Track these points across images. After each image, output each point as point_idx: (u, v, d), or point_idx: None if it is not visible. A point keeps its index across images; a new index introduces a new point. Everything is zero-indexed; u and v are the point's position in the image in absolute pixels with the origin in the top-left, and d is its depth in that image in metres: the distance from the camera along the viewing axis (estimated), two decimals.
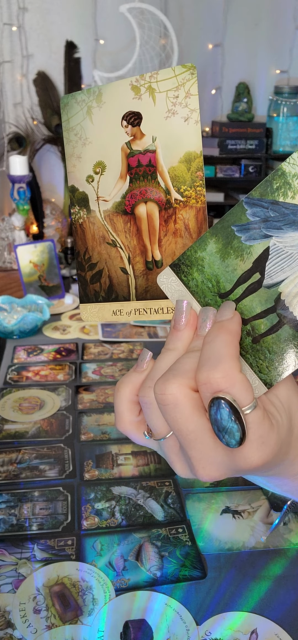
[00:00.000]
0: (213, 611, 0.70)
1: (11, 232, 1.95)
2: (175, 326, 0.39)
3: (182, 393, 0.35)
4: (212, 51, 2.25)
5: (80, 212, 0.44)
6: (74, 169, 0.44)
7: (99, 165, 0.43)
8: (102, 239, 0.44)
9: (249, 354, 0.37)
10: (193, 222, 0.41)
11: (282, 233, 0.36)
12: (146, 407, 0.39)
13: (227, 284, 0.38)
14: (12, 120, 2.13)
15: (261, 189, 0.36)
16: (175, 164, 0.41)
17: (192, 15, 2.19)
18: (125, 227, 0.43)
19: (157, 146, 0.41)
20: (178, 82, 0.40)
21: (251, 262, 0.37)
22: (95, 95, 0.42)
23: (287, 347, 0.36)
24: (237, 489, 0.92)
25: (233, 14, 2.21)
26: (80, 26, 2.10)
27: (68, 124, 0.43)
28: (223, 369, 0.34)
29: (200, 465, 0.36)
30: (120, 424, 0.41)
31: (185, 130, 0.40)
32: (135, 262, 0.43)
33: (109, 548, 0.80)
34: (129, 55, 2.03)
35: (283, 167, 0.35)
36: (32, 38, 2.08)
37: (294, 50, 2.24)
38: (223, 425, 0.34)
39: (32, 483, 0.93)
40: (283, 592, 0.73)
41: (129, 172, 0.42)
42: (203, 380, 0.34)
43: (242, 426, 0.34)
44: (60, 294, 1.71)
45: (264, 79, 2.30)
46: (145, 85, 0.40)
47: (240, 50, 2.27)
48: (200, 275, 0.39)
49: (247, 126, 2.22)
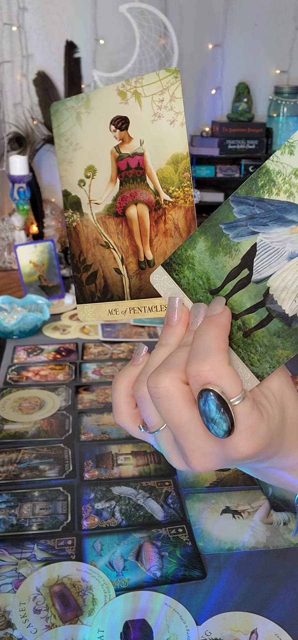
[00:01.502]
0: (213, 611, 0.70)
1: (11, 232, 1.95)
2: (168, 322, 0.40)
3: (174, 386, 0.36)
4: (212, 51, 2.25)
5: (74, 215, 0.45)
6: (66, 174, 0.45)
7: (89, 170, 0.44)
8: (95, 241, 0.45)
9: (241, 347, 0.38)
10: (182, 221, 0.42)
11: (268, 229, 0.37)
12: (140, 401, 0.40)
13: (217, 281, 0.39)
14: (12, 120, 2.13)
15: (246, 187, 0.37)
16: (163, 165, 0.42)
17: (192, 15, 2.19)
18: (117, 228, 0.44)
19: (145, 149, 0.42)
20: (163, 86, 0.41)
21: (239, 258, 0.38)
22: (84, 102, 0.43)
23: (277, 340, 0.37)
24: (237, 489, 0.92)
25: (233, 14, 2.21)
26: (80, 26, 2.10)
27: (59, 130, 0.44)
28: (211, 361, 0.35)
29: (193, 456, 0.37)
30: (117, 417, 0.43)
31: (171, 133, 0.41)
32: (128, 262, 0.44)
33: (109, 548, 0.80)
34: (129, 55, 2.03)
35: (267, 165, 0.36)
36: (32, 38, 2.08)
37: (294, 50, 2.24)
38: (211, 417, 0.35)
39: (32, 483, 0.93)
40: (283, 592, 0.73)
41: (118, 175, 0.43)
42: (193, 373, 0.36)
43: (230, 417, 0.35)
44: (60, 294, 1.71)
45: (264, 79, 2.30)
46: (131, 90, 0.41)
47: (240, 50, 2.27)
48: (191, 273, 0.40)
49: (247, 126, 2.22)
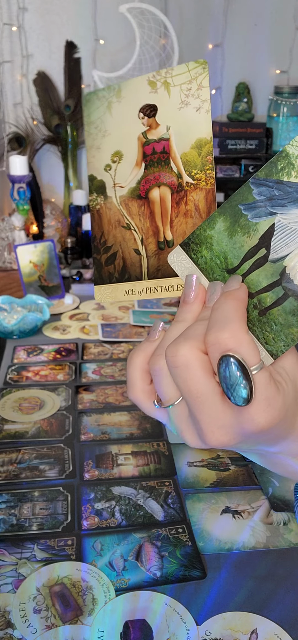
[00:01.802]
0: (213, 611, 0.70)
1: (11, 232, 1.95)
2: (185, 300, 0.40)
3: (193, 354, 0.37)
4: (212, 51, 2.25)
5: (98, 198, 0.47)
6: (93, 159, 0.46)
7: (116, 155, 0.46)
8: (117, 223, 0.46)
9: (256, 326, 0.39)
10: (203, 203, 0.43)
11: (286, 210, 0.38)
12: (156, 374, 0.40)
13: (234, 260, 0.40)
14: (12, 120, 2.13)
15: (266, 170, 0.38)
16: (187, 150, 0.43)
17: (192, 15, 2.19)
18: (139, 210, 0.45)
19: (171, 134, 0.44)
20: (191, 76, 0.43)
21: (257, 238, 0.39)
22: (115, 91, 0.45)
23: (292, 319, 0.38)
24: (237, 489, 0.92)
25: (233, 14, 2.21)
26: (80, 26, 2.10)
27: (89, 118, 0.46)
28: (231, 329, 0.36)
29: (209, 429, 0.37)
30: (132, 392, 0.43)
31: (196, 119, 0.43)
32: (147, 243, 0.45)
33: (109, 548, 0.80)
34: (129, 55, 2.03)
35: (287, 149, 0.38)
36: (32, 38, 2.08)
37: (294, 50, 2.24)
38: (231, 382, 0.35)
39: (32, 483, 0.93)
40: (283, 592, 0.73)
41: (144, 159, 0.45)
42: (212, 341, 0.36)
43: (250, 383, 0.35)
44: (60, 294, 1.71)
45: (264, 79, 2.30)
46: (161, 80, 0.44)
47: (240, 50, 2.27)
48: (208, 252, 0.41)
49: (247, 126, 2.22)
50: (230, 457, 0.99)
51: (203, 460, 0.98)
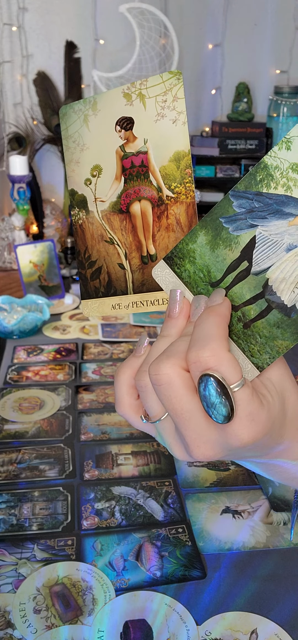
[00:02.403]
0: (213, 611, 0.70)
1: (11, 232, 1.95)
2: (170, 314, 0.41)
3: (175, 372, 0.37)
4: (212, 51, 2.25)
5: (80, 213, 0.47)
6: (73, 174, 0.46)
7: (95, 169, 0.45)
8: (100, 238, 0.46)
9: (241, 339, 0.39)
10: (184, 216, 0.43)
11: (267, 222, 0.38)
12: (142, 390, 0.40)
13: (217, 273, 0.40)
14: (12, 120, 2.13)
15: (245, 182, 0.38)
16: (165, 163, 0.43)
17: (192, 15, 2.19)
18: (121, 225, 0.45)
19: (149, 147, 0.44)
20: (166, 88, 0.43)
21: (239, 251, 0.39)
22: (91, 104, 0.45)
23: (276, 331, 0.38)
24: (237, 489, 0.92)
25: (233, 14, 2.21)
26: (80, 26, 2.10)
27: (67, 132, 0.46)
28: (211, 347, 0.36)
29: (194, 445, 0.38)
30: (119, 407, 0.43)
31: (173, 132, 0.43)
32: (131, 257, 0.45)
33: (109, 548, 0.80)
34: (129, 55, 2.03)
35: (266, 160, 0.37)
36: (32, 38, 2.08)
37: (294, 50, 2.24)
38: (211, 401, 0.36)
39: (32, 483, 0.93)
40: (283, 592, 0.73)
41: (123, 173, 0.45)
42: (193, 359, 0.36)
43: (230, 402, 0.35)
44: (60, 294, 1.71)
45: (264, 79, 2.30)
46: (136, 92, 0.43)
47: (240, 50, 2.27)
48: (192, 266, 0.41)
49: (247, 126, 2.22)
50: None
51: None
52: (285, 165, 0.37)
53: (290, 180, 0.37)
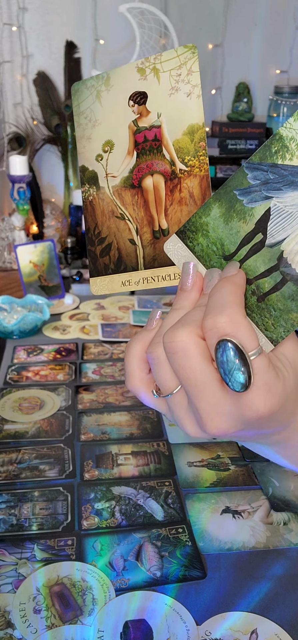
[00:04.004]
0: (213, 611, 0.70)
1: (11, 232, 1.95)
2: (182, 287, 0.40)
3: (190, 340, 0.36)
4: (212, 51, 2.25)
5: (90, 189, 0.46)
6: (84, 150, 0.46)
7: (107, 144, 0.45)
8: (111, 214, 0.45)
9: (255, 312, 0.38)
10: (197, 189, 0.43)
11: (281, 193, 0.37)
12: (154, 362, 0.39)
13: (231, 246, 0.39)
14: (12, 120, 2.12)
15: (260, 154, 0.38)
16: (179, 136, 0.43)
17: (192, 15, 2.19)
18: (132, 200, 0.45)
19: (162, 121, 0.43)
20: (181, 62, 0.42)
21: (253, 223, 0.38)
22: (104, 80, 0.45)
23: (291, 304, 0.37)
24: (237, 489, 0.92)
25: (233, 14, 2.21)
26: (80, 26, 2.10)
27: (78, 109, 0.46)
28: (228, 313, 0.35)
29: (208, 418, 0.37)
30: (130, 382, 0.42)
31: (188, 105, 0.42)
32: (142, 232, 0.45)
33: (109, 548, 0.80)
34: (129, 55, 2.03)
35: (281, 132, 0.37)
36: (32, 38, 2.08)
37: (294, 50, 2.24)
38: (229, 367, 0.35)
39: (32, 483, 0.93)
40: (283, 592, 0.73)
41: (136, 147, 0.44)
42: (210, 325, 0.35)
43: (248, 369, 0.35)
44: (60, 294, 1.71)
45: (264, 79, 2.30)
46: (150, 67, 0.43)
47: (240, 50, 2.27)
48: (205, 239, 0.40)
49: (247, 126, 2.22)
50: (230, 457, 0.99)
51: (203, 460, 0.98)
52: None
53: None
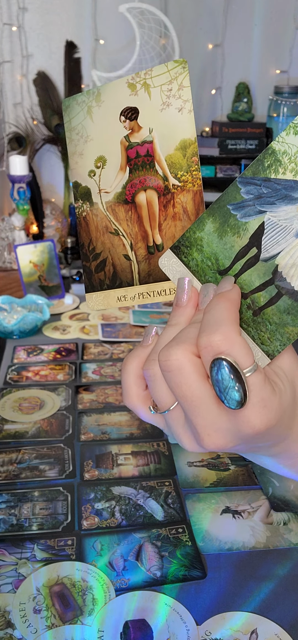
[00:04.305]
0: (213, 611, 0.70)
1: (11, 232, 1.95)
2: (178, 303, 0.40)
3: (186, 357, 0.36)
4: (212, 51, 2.25)
5: (84, 205, 0.46)
6: (77, 166, 0.46)
7: (100, 160, 0.45)
8: (105, 229, 0.46)
9: (251, 327, 0.39)
10: (190, 205, 0.43)
11: (275, 208, 0.38)
12: (150, 380, 0.40)
13: (225, 261, 0.39)
14: (12, 120, 2.13)
15: (253, 168, 0.38)
16: (171, 151, 0.43)
17: (192, 15, 2.19)
18: (126, 215, 0.45)
19: (154, 137, 0.43)
20: (171, 77, 0.43)
21: (248, 237, 0.39)
22: (95, 96, 0.45)
23: (287, 317, 0.38)
24: (237, 489, 0.92)
25: (233, 14, 2.21)
26: (80, 26, 2.10)
27: (70, 125, 0.46)
28: (222, 331, 0.35)
29: (205, 433, 0.37)
30: (127, 399, 0.42)
31: (179, 120, 0.42)
32: (137, 248, 0.45)
33: (109, 548, 0.80)
34: (129, 55, 2.03)
35: (273, 146, 0.37)
36: (32, 38, 2.08)
37: (294, 50, 2.24)
38: (224, 386, 0.35)
39: (32, 483, 0.93)
40: (283, 592, 0.73)
41: (128, 163, 0.45)
42: (204, 344, 0.36)
43: (243, 386, 0.35)
44: (60, 294, 1.71)
45: (264, 79, 2.30)
46: (141, 82, 0.43)
47: (240, 50, 2.27)
48: (199, 254, 0.40)
49: (247, 126, 2.22)
50: (230, 457, 0.99)
51: (203, 460, 0.98)
52: (294, 150, 0.37)
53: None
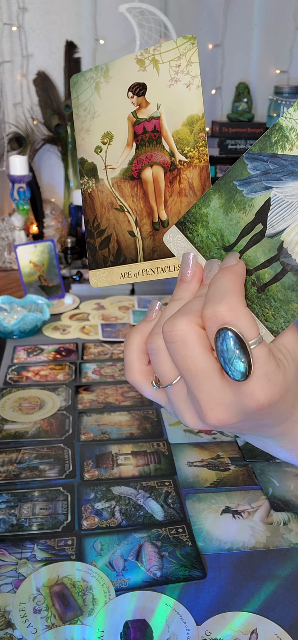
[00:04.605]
0: (213, 611, 0.70)
1: (11, 232, 1.95)
2: (182, 278, 0.40)
3: (191, 329, 0.36)
4: (212, 51, 2.25)
5: (89, 181, 0.46)
6: (83, 142, 0.46)
7: (106, 136, 0.45)
8: (110, 206, 0.45)
9: (255, 303, 0.38)
10: (197, 180, 0.43)
11: (281, 184, 0.37)
12: (153, 353, 0.39)
13: (231, 237, 0.39)
14: (12, 120, 2.12)
15: (260, 144, 0.38)
16: (178, 127, 0.43)
17: (192, 15, 2.19)
18: (132, 191, 0.45)
19: (162, 112, 0.43)
20: (180, 52, 0.42)
21: (253, 214, 0.38)
22: (103, 72, 0.44)
23: (291, 294, 0.37)
24: (237, 489, 0.92)
25: (233, 14, 2.21)
26: (80, 26, 2.10)
27: (77, 101, 0.46)
28: (228, 302, 0.35)
29: (208, 408, 0.36)
30: (129, 374, 0.42)
31: (187, 96, 0.42)
32: (142, 224, 0.45)
33: (109, 548, 0.80)
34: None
35: (281, 122, 0.37)
36: (32, 38, 2.08)
37: (294, 50, 2.24)
38: (229, 356, 0.35)
39: (32, 483, 0.93)
40: (283, 592, 0.73)
41: (135, 139, 0.44)
42: (209, 314, 0.35)
43: (248, 358, 0.34)
44: (60, 294, 1.71)
45: (264, 79, 2.30)
46: (149, 58, 0.43)
47: (240, 50, 2.27)
48: (204, 230, 0.40)
49: (247, 126, 2.22)
50: (230, 457, 0.99)
51: (203, 460, 0.98)
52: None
53: None
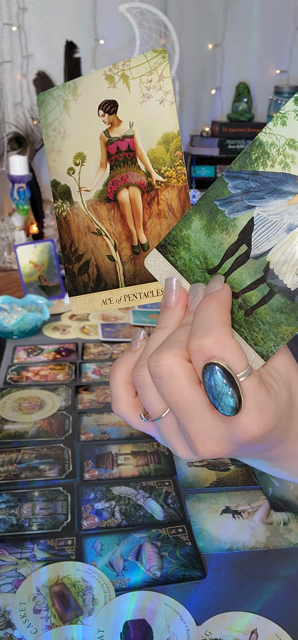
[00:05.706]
0: (213, 611, 0.70)
1: (11, 232, 1.95)
2: (166, 305, 0.38)
3: (176, 363, 0.34)
4: (212, 51, 2.25)
5: (64, 205, 0.44)
6: (55, 164, 0.44)
7: (78, 157, 0.43)
8: (87, 230, 0.44)
9: (243, 327, 0.37)
10: (176, 201, 0.41)
11: (264, 202, 0.36)
12: (140, 386, 0.38)
13: (214, 259, 0.38)
14: (12, 120, 2.13)
15: (240, 162, 0.36)
16: (153, 146, 0.41)
17: (192, 15, 2.19)
18: (109, 214, 0.43)
19: (135, 131, 0.41)
20: (151, 67, 0.40)
21: (237, 234, 0.37)
22: (71, 89, 0.43)
23: (280, 317, 0.36)
24: (237, 489, 0.91)
25: (233, 14, 2.21)
26: (80, 26, 2.10)
27: (46, 120, 0.44)
28: (214, 334, 0.34)
29: (199, 440, 0.35)
30: (116, 406, 0.40)
31: (161, 113, 0.40)
32: (121, 248, 0.43)
33: (109, 548, 0.80)
34: (129, 55, 2.03)
35: (261, 138, 0.36)
36: (32, 38, 2.08)
37: (294, 50, 2.24)
38: (217, 392, 0.33)
39: (32, 483, 0.93)
40: (283, 592, 0.73)
41: (108, 159, 0.43)
42: (195, 348, 0.34)
43: (237, 392, 0.33)
44: (60, 294, 1.71)
45: (264, 79, 2.30)
46: (119, 74, 0.41)
47: (240, 50, 2.27)
48: (187, 253, 0.38)
49: (247, 126, 2.22)
50: (230, 457, 0.99)
51: (203, 460, 0.98)
52: (282, 141, 0.35)
53: (288, 157, 0.35)
